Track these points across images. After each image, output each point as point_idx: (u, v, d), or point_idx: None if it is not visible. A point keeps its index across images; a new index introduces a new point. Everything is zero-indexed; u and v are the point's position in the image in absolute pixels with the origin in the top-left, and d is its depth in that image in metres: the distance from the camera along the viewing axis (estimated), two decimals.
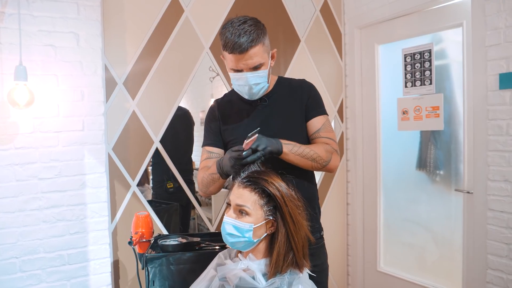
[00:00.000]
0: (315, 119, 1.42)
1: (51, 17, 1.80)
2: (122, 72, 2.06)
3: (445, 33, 2.19)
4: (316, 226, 1.43)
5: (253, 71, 1.31)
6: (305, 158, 1.30)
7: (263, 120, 1.42)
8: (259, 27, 1.28)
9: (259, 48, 1.27)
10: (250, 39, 1.24)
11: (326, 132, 1.42)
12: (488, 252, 1.91)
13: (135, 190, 2.10)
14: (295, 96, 1.44)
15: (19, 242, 1.75)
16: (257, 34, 1.26)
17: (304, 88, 1.46)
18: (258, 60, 1.29)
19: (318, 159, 1.32)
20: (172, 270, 1.45)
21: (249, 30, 1.24)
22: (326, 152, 1.35)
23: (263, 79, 1.33)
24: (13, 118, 1.74)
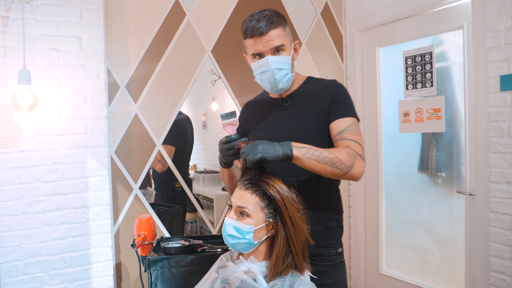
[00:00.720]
0: (340, 120, 1.26)
1: (55, 21, 1.82)
2: (124, 76, 2.07)
3: (445, 36, 2.20)
4: (331, 242, 1.32)
5: (276, 54, 1.24)
6: (322, 163, 1.13)
7: (282, 122, 1.34)
8: (279, 14, 1.26)
9: (279, 31, 1.23)
10: (270, 21, 1.22)
11: (352, 134, 1.24)
12: (490, 254, 1.91)
13: (138, 193, 2.11)
14: (319, 98, 1.31)
15: (22, 244, 1.76)
16: (277, 18, 1.23)
17: (329, 89, 1.32)
18: (279, 42, 1.23)
19: (339, 164, 1.14)
20: (174, 273, 1.45)
21: (269, 15, 1.23)
22: (348, 156, 1.16)
23: (286, 65, 1.25)
24: (16, 121, 1.75)
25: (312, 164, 1.13)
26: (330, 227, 1.32)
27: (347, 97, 1.32)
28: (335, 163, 1.14)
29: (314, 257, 1.24)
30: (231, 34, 2.34)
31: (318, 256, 1.29)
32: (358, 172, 1.18)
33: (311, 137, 1.28)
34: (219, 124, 2.43)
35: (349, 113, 1.28)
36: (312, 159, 1.12)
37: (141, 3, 2.11)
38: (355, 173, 1.17)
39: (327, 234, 1.31)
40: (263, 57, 1.25)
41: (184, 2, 2.22)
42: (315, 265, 1.25)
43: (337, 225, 1.35)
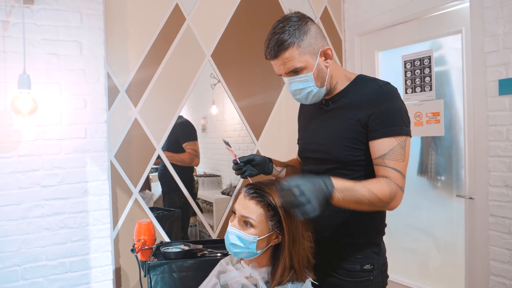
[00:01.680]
0: (381, 140, 1.13)
1: (55, 26, 1.83)
2: (124, 80, 2.07)
3: (444, 40, 2.21)
4: (357, 257, 1.23)
5: (293, 75, 1.18)
6: (361, 203, 1.05)
7: (319, 126, 1.28)
8: (294, 26, 1.13)
9: (292, 51, 1.13)
10: (278, 43, 1.13)
11: (394, 160, 1.11)
12: (490, 258, 1.91)
13: (137, 197, 2.10)
14: (362, 106, 1.18)
15: (21, 249, 1.76)
16: (289, 36, 1.12)
17: (374, 97, 1.16)
18: (293, 65, 1.15)
19: (378, 203, 1.07)
20: (175, 278, 1.45)
21: (280, 32, 1.13)
22: (390, 192, 1.08)
23: (307, 84, 1.18)
24: (16, 126, 1.75)
25: (351, 203, 1.05)
26: (357, 242, 1.24)
27: (394, 109, 1.15)
28: (374, 203, 1.07)
29: (336, 270, 1.22)
30: (231, 38, 2.35)
31: (340, 269, 1.23)
32: (395, 205, 1.12)
33: (343, 149, 1.20)
34: (219, 127, 2.46)
35: (392, 131, 1.13)
36: (351, 200, 1.04)
37: (141, 7, 2.12)
38: (392, 207, 1.12)
39: (353, 249, 1.23)
40: (283, 77, 1.23)
41: (184, 7, 2.23)
42: (336, 278, 1.21)
43: (366, 241, 1.25)
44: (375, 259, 1.24)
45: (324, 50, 1.18)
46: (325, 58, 1.19)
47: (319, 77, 1.19)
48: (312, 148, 1.29)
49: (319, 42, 1.17)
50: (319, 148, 1.26)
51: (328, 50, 1.18)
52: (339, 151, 1.20)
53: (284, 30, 1.13)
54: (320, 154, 1.26)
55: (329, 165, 1.23)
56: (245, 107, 2.41)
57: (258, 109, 2.45)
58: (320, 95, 1.22)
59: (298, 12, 1.19)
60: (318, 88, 1.20)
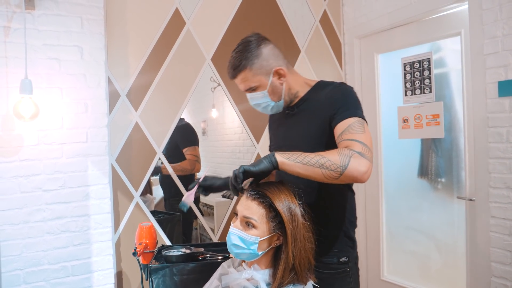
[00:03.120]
0: (340, 123, 1.20)
1: (56, 31, 1.84)
2: (125, 84, 2.08)
3: (443, 42, 2.22)
4: (334, 251, 1.30)
5: (251, 92, 1.32)
6: (310, 165, 1.07)
7: (288, 130, 1.39)
8: (245, 51, 1.26)
9: (246, 73, 1.27)
10: (234, 67, 1.28)
11: (351, 133, 1.16)
12: (491, 260, 1.91)
13: (138, 201, 2.11)
14: (322, 105, 1.28)
15: (23, 253, 1.76)
16: (240, 60, 1.26)
17: (331, 94, 1.28)
18: (248, 85, 1.30)
19: (329, 164, 1.06)
20: (176, 281, 1.45)
21: (235, 57, 1.28)
22: (340, 155, 1.08)
23: (264, 99, 1.32)
24: (18, 130, 1.76)
25: (300, 168, 1.08)
26: (332, 235, 1.30)
27: (350, 98, 1.25)
28: (324, 164, 1.06)
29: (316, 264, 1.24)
30: (230, 42, 2.36)
31: (318, 262, 1.26)
32: (357, 170, 1.07)
33: (312, 145, 1.26)
34: (219, 131, 2.47)
35: (348, 114, 1.20)
36: (298, 163, 1.07)
37: (141, 12, 2.13)
38: (354, 172, 1.07)
39: (328, 242, 1.29)
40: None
41: (184, 11, 2.24)
42: (317, 272, 1.24)
43: (341, 234, 1.32)
44: (350, 252, 1.33)
45: (276, 70, 1.29)
46: (278, 76, 1.31)
47: (275, 93, 1.32)
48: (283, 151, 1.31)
49: (272, 63, 1.29)
50: (289, 149, 1.24)
51: (280, 70, 1.30)
52: (312, 147, 1.19)
53: (239, 55, 1.27)
54: None
55: None
56: (245, 110, 2.42)
57: (258, 112, 2.41)
58: (279, 107, 1.37)
59: (256, 34, 1.31)
60: (274, 102, 1.34)
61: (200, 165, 2.39)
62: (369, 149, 1.13)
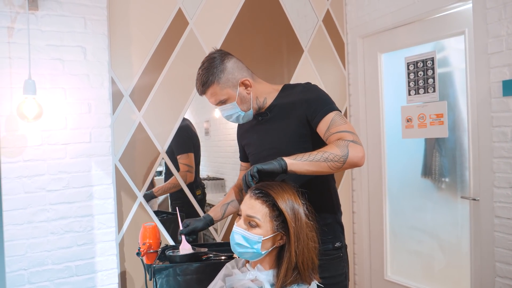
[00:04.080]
0: (322, 121, 1.29)
1: (59, 31, 1.84)
2: (128, 85, 2.09)
3: (447, 41, 2.21)
4: (328, 237, 1.37)
5: (221, 105, 1.39)
6: (316, 160, 1.16)
7: (264, 134, 1.44)
8: (212, 66, 1.35)
9: (213, 89, 1.36)
10: (201, 84, 1.36)
11: (336, 126, 1.26)
12: (496, 260, 1.90)
13: (142, 201, 2.11)
14: (295, 106, 1.36)
15: (28, 254, 1.77)
16: (207, 77, 1.34)
17: (302, 95, 1.37)
18: (217, 98, 1.38)
19: (332, 157, 1.17)
20: (180, 281, 1.45)
21: (201, 74, 1.36)
22: (338, 147, 1.19)
23: (234, 110, 1.40)
24: (21, 131, 1.76)
25: (309, 165, 1.17)
26: (326, 223, 1.36)
27: (321, 95, 1.35)
28: (328, 158, 1.17)
29: None
30: (233, 42, 2.36)
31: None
32: (356, 156, 1.19)
33: (292, 145, 1.35)
34: (222, 131, 2.46)
35: (326, 110, 1.30)
36: (305, 161, 1.16)
37: (144, 12, 2.13)
38: (354, 158, 1.19)
39: (323, 230, 1.32)
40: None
41: (187, 11, 2.24)
42: None
43: (334, 221, 1.41)
44: (341, 238, 1.42)
45: (242, 81, 1.38)
46: (245, 87, 1.39)
47: (243, 103, 1.40)
48: (264, 155, 1.41)
49: (237, 75, 1.37)
50: (270, 152, 1.39)
51: (245, 81, 1.38)
52: (293, 146, 1.33)
53: (205, 72, 1.35)
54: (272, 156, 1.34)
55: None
56: None
57: None
58: (249, 116, 1.43)
59: (219, 50, 1.40)
60: (244, 112, 1.41)
61: (192, 175, 2.29)
62: (357, 136, 1.25)
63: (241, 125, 1.60)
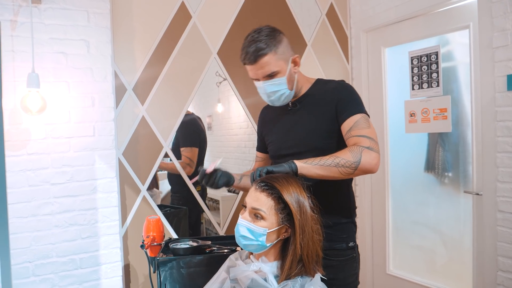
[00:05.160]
0: (347, 120, 1.29)
1: (62, 25, 1.84)
2: (131, 78, 2.09)
3: (451, 35, 2.20)
4: (342, 236, 1.36)
5: (268, 79, 1.31)
6: (327, 165, 1.17)
7: (292, 125, 1.41)
8: (271, 35, 1.28)
9: (270, 57, 1.28)
10: (258, 49, 1.26)
11: (358, 129, 1.26)
12: (498, 254, 1.90)
13: (145, 195, 2.12)
14: (325, 101, 1.36)
15: (32, 246, 1.78)
16: (267, 43, 1.26)
17: (335, 91, 1.36)
18: (269, 69, 1.29)
19: (344, 162, 1.17)
20: (183, 273, 1.46)
21: (259, 39, 1.27)
22: (351, 152, 1.19)
23: (281, 87, 1.32)
24: (25, 124, 1.77)
25: (319, 169, 1.17)
26: (341, 223, 1.36)
27: (353, 96, 1.35)
28: (339, 163, 1.17)
29: (326, 251, 1.25)
30: (237, 36, 2.35)
31: (330, 250, 1.31)
32: (369, 163, 1.19)
33: (318, 139, 1.35)
34: (224, 126, 2.47)
35: (354, 110, 1.30)
36: (316, 165, 1.17)
37: (147, 6, 2.12)
38: (367, 165, 1.19)
39: (338, 229, 1.35)
40: (259, 81, 1.34)
41: (190, 5, 2.23)
42: (328, 260, 1.27)
43: (349, 221, 1.40)
44: (354, 237, 1.42)
45: (294, 58, 1.35)
46: (294, 65, 1.35)
47: (290, 81, 1.35)
48: (289, 145, 1.40)
49: (290, 51, 1.35)
50: (297, 142, 1.38)
51: (297, 58, 1.36)
52: (319, 140, 1.34)
53: (261, 39, 1.27)
54: (298, 148, 1.38)
55: (308, 154, 1.32)
56: (252, 105, 2.41)
57: None
58: (290, 97, 1.38)
59: (269, 26, 1.34)
60: (289, 91, 1.35)
61: (192, 169, 2.29)
62: (375, 142, 1.25)
63: (265, 113, 1.56)
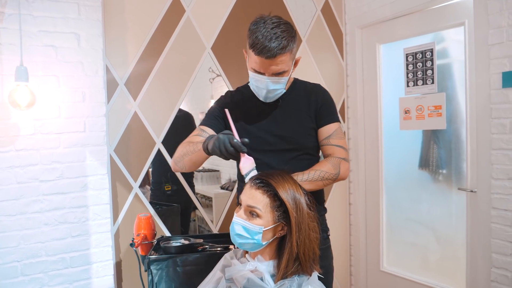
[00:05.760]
0: (328, 126, 1.40)
1: (52, 17, 1.79)
2: (123, 73, 2.04)
3: (446, 32, 2.19)
4: (322, 227, 1.40)
5: (275, 76, 1.28)
6: (315, 181, 1.29)
7: (274, 121, 1.41)
8: (291, 33, 1.24)
9: (287, 56, 1.24)
10: (281, 46, 1.20)
11: (337, 139, 1.39)
12: (492, 251, 1.91)
13: (137, 192, 2.08)
14: (308, 100, 1.42)
15: (21, 245, 1.73)
16: (288, 42, 1.22)
17: (319, 93, 1.44)
18: (282, 68, 1.26)
19: (327, 176, 1.31)
20: (177, 272, 1.43)
21: (281, 36, 1.20)
22: (333, 165, 1.33)
23: (281, 86, 1.32)
24: (13, 119, 1.72)
25: (308, 184, 1.27)
26: (321, 214, 1.45)
27: (332, 103, 1.46)
28: (324, 177, 1.31)
29: None
30: (231, 31, 2.31)
31: None
32: (345, 173, 1.36)
33: (302, 136, 1.40)
34: None
35: (334, 118, 1.42)
36: (305, 181, 1.27)
37: None
38: (343, 175, 1.36)
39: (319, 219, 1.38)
40: (263, 75, 1.28)
41: None
42: None
43: (325, 211, 1.52)
44: (328, 226, 1.52)
45: (298, 59, 1.34)
46: (294, 65, 1.34)
47: (288, 81, 1.37)
48: (272, 141, 1.40)
49: (296, 51, 1.36)
50: (281, 140, 1.39)
51: (299, 60, 1.35)
52: (305, 139, 1.40)
53: (284, 36, 1.21)
54: (282, 145, 1.40)
55: (294, 153, 1.40)
56: None
57: None
58: (279, 96, 1.38)
59: (281, 18, 1.27)
60: (284, 90, 1.36)
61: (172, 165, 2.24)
62: (347, 152, 1.43)
63: (236, 100, 1.46)
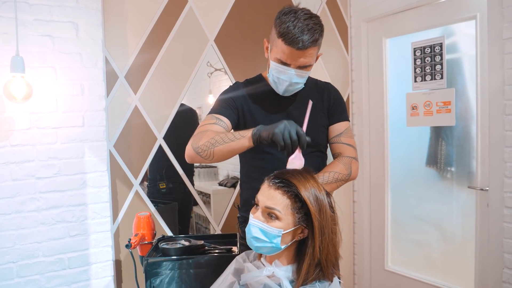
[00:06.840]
0: (339, 124, 1.44)
1: (48, 5, 1.70)
2: (123, 65, 1.95)
3: (457, 26, 2.13)
4: None
5: (300, 70, 1.27)
6: (330, 183, 1.31)
7: (289, 116, 1.39)
8: (321, 27, 1.25)
9: (315, 50, 1.25)
10: (313, 39, 1.20)
11: (347, 137, 1.43)
12: (504, 251, 1.87)
13: (138, 189, 2.00)
14: (321, 97, 1.44)
15: (16, 245, 1.66)
16: (319, 35, 1.22)
17: (331, 91, 1.47)
18: (309, 61, 1.26)
19: (341, 177, 1.34)
20: (177, 275, 1.37)
21: (314, 28, 1.20)
22: (344, 165, 1.36)
23: (303, 80, 1.31)
24: (8, 113, 1.63)
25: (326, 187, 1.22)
26: None
27: (344, 102, 1.49)
28: (338, 178, 1.33)
29: None
30: (235, 22, 2.23)
31: None
32: (355, 173, 1.38)
33: (316, 134, 1.38)
34: None
35: (345, 117, 1.45)
36: (325, 184, 1.28)
37: None
38: (354, 175, 1.38)
39: None
40: (288, 67, 1.26)
41: None
42: None
43: None
44: None
45: (319, 55, 1.33)
46: (315, 60, 1.32)
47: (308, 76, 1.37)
48: None
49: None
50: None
51: (319, 56, 1.34)
52: (318, 136, 1.41)
53: (316, 29, 1.21)
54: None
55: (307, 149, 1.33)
56: None
57: None
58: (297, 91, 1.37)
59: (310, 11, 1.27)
60: (303, 86, 1.35)
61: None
62: (356, 150, 1.43)
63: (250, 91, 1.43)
